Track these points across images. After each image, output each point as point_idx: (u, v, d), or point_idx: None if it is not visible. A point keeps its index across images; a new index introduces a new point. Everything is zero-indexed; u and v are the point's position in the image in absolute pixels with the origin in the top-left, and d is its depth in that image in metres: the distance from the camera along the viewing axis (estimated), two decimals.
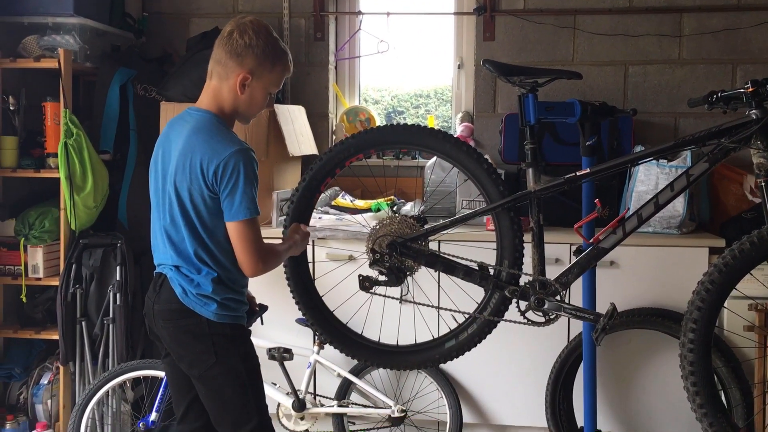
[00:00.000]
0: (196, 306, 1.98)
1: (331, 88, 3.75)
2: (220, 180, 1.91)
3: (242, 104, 2.03)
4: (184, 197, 1.96)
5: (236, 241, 1.96)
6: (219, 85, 2.01)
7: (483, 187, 2.25)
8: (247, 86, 2.00)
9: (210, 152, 1.92)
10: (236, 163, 1.91)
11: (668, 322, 2.79)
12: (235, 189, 1.92)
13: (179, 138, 1.98)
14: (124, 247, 3.11)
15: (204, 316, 1.98)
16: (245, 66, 1.98)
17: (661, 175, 2.93)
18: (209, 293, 1.98)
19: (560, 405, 2.93)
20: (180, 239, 1.99)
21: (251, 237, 1.96)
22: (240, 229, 1.95)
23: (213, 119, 1.99)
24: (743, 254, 1.96)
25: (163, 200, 2.02)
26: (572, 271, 2.19)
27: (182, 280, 1.98)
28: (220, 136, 1.95)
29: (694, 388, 1.97)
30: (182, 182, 1.95)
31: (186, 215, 1.97)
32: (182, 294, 1.98)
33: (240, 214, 1.93)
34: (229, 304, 2.02)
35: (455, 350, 2.29)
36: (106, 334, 3.10)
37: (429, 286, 2.80)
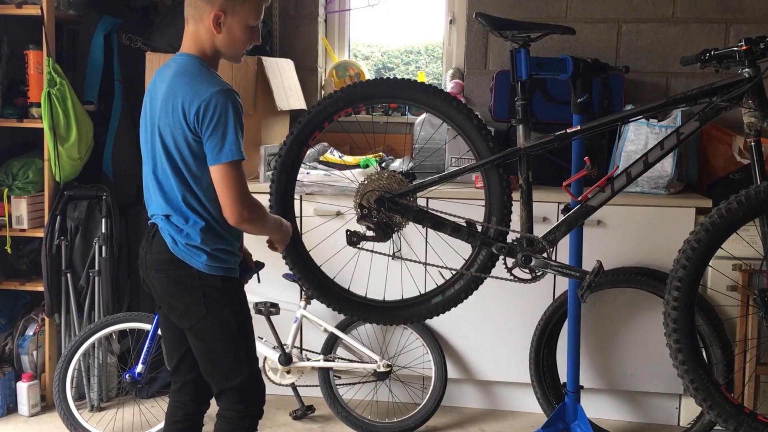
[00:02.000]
0: (186, 257, 1.94)
1: (321, 41, 3.69)
2: (201, 121, 1.84)
3: (223, 43, 1.94)
4: (168, 143, 1.91)
5: (219, 185, 1.89)
6: (195, 28, 1.94)
7: (472, 143, 2.23)
8: (222, 24, 1.91)
9: (191, 93, 1.85)
10: (218, 103, 1.83)
11: (653, 281, 2.82)
12: (217, 130, 1.84)
13: (163, 84, 1.93)
14: (109, 199, 3.08)
15: (194, 267, 1.94)
16: (215, 4, 1.90)
17: (650, 135, 2.92)
18: (198, 243, 1.93)
19: (544, 361, 2.97)
20: (169, 187, 1.94)
21: (234, 181, 1.88)
22: (223, 173, 1.87)
23: (195, 61, 1.92)
24: (730, 214, 1.97)
25: (152, 148, 1.96)
26: (560, 229, 2.19)
27: (172, 230, 1.94)
28: (202, 77, 1.88)
29: (676, 345, 1.99)
30: (166, 127, 1.90)
31: (172, 161, 1.91)
32: (172, 244, 1.95)
33: (223, 156, 1.85)
34: (220, 255, 1.97)
35: (441, 306, 2.29)
36: (92, 287, 3.09)
37: (417, 243, 2.80)
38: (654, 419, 3.07)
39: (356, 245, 2.26)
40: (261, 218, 1.97)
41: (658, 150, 2.11)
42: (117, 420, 2.97)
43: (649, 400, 3.06)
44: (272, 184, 2.40)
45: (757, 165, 2.05)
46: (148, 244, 2.01)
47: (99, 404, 3.10)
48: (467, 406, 3.21)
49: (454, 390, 3.17)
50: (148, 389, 3.16)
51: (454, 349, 3.11)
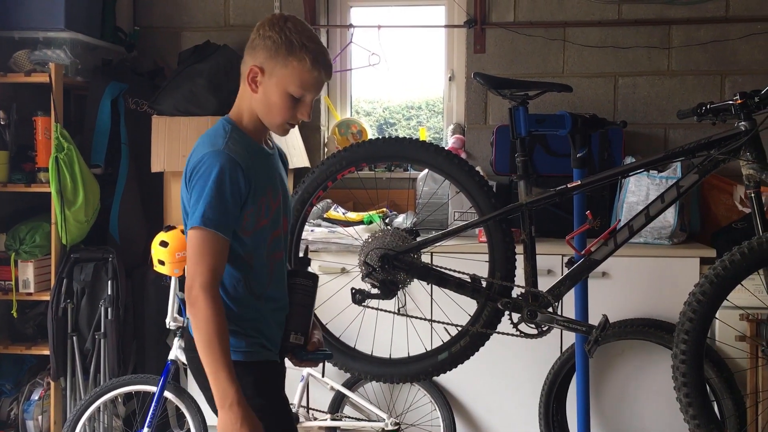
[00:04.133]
0: None
1: (323, 100, 3.75)
2: (189, 182, 1.69)
3: (258, 105, 1.75)
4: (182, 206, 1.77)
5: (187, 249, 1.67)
6: (242, 86, 1.78)
7: (474, 200, 2.26)
8: (258, 83, 1.72)
9: (191, 156, 1.71)
10: (203, 164, 1.65)
11: (660, 332, 2.80)
12: (194, 191, 1.65)
13: None
14: (115, 261, 3.10)
15: None
16: (256, 59, 1.72)
17: (651, 186, 2.94)
18: None
19: (554, 416, 2.93)
20: None
21: (194, 250, 1.63)
22: (190, 238, 1.65)
23: (222, 123, 1.78)
24: (734, 265, 1.97)
25: None
26: (564, 283, 2.19)
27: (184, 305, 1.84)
28: (209, 138, 1.72)
29: (686, 399, 1.97)
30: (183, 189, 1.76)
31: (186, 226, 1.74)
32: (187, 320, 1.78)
33: (192, 219, 1.64)
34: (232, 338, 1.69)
35: (448, 363, 2.28)
36: (98, 349, 3.08)
37: (422, 299, 2.80)
38: None
39: (361, 303, 2.26)
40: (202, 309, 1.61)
41: (659, 203, 2.13)
42: None
43: None
44: None
45: (758, 216, 2.06)
46: None
47: None
48: None
49: None
50: None
51: (463, 406, 3.07)
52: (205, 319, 1.61)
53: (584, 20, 3.46)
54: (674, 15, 3.41)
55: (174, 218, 3.19)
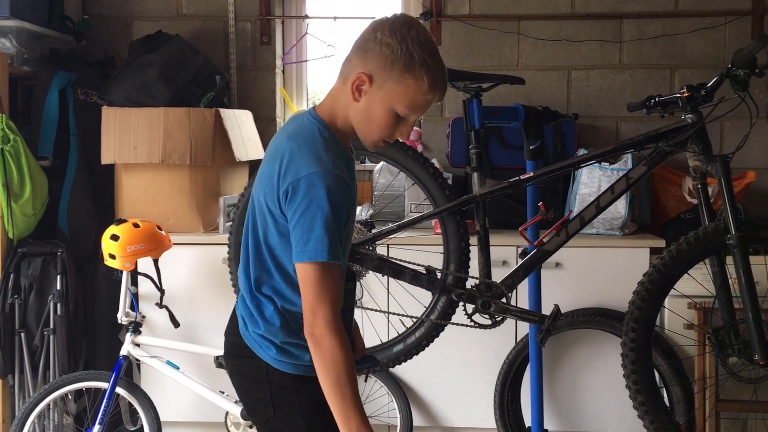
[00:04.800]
0: (254, 345, 1.63)
1: (279, 92, 3.72)
2: (289, 201, 1.51)
3: (356, 115, 1.57)
4: (256, 210, 1.62)
5: (301, 285, 1.53)
6: (340, 86, 1.59)
7: (429, 192, 2.27)
8: (363, 92, 1.54)
9: (289, 165, 1.52)
10: (311, 188, 1.48)
11: (612, 321, 2.85)
12: (303, 220, 1.49)
13: (277, 139, 1.64)
14: (64, 255, 3.02)
15: (263, 360, 1.62)
16: (367, 65, 1.52)
17: (603, 178, 2.99)
18: (266, 334, 1.61)
19: (508, 405, 2.97)
20: (246, 260, 1.65)
21: (315, 286, 1.50)
22: (303, 273, 1.51)
23: (316, 127, 1.58)
24: (681, 254, 2.02)
25: (249, 211, 1.68)
26: (517, 274, 2.22)
27: (244, 311, 1.65)
28: (310, 149, 1.53)
29: (635, 387, 2.02)
30: (259, 192, 1.61)
31: (255, 233, 1.62)
32: (243, 326, 1.65)
33: (306, 254, 1.49)
34: (291, 349, 1.62)
35: (403, 354, 2.30)
36: (47, 346, 3.01)
37: (377, 291, 2.80)
38: None
39: None
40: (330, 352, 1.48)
41: (609, 194, 2.17)
42: None
43: None
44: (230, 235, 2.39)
45: (705, 206, 2.12)
46: (230, 321, 1.74)
47: None
48: None
49: None
50: None
51: (419, 396, 3.09)
52: (333, 359, 1.48)
53: (538, 14, 3.49)
54: (626, 9, 3.46)
55: (125, 211, 3.13)
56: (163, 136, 3.05)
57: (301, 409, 1.62)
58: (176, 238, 3.01)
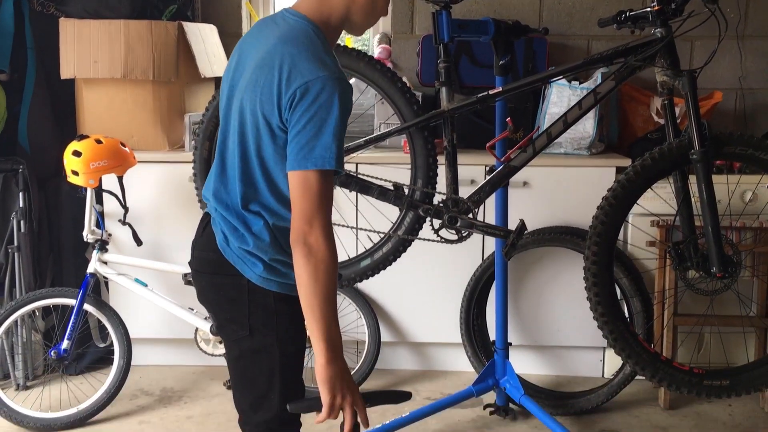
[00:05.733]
0: (238, 262, 1.56)
1: (244, 6, 3.60)
2: (295, 107, 1.43)
3: (359, 11, 1.55)
4: (247, 121, 1.52)
5: (296, 194, 1.45)
6: None
7: (397, 107, 2.24)
8: None
9: (294, 69, 1.44)
10: (321, 92, 1.41)
11: (576, 239, 2.90)
12: (311, 125, 1.42)
13: (263, 45, 1.52)
14: (26, 172, 2.97)
15: (245, 277, 1.56)
16: None
17: (573, 97, 2.98)
18: (254, 250, 1.55)
19: (474, 321, 3.03)
20: (233, 176, 1.56)
21: (316, 194, 1.43)
22: (305, 181, 1.43)
23: (311, 29, 1.51)
24: (645, 170, 2.04)
25: (225, 120, 1.59)
26: (484, 189, 2.22)
27: (226, 227, 1.57)
28: (312, 53, 1.46)
29: (596, 298, 2.06)
30: (250, 101, 1.50)
31: (244, 146, 1.53)
32: (223, 243, 1.57)
33: (311, 160, 1.42)
34: (279, 267, 1.57)
35: (370, 269, 2.32)
36: (12, 263, 2.98)
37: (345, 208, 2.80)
38: (579, 372, 3.18)
39: None
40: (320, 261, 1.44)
41: (576, 110, 2.16)
42: (44, 398, 2.90)
43: (574, 354, 3.18)
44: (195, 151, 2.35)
45: (671, 123, 2.13)
46: (198, 236, 1.66)
47: (25, 383, 3.02)
48: (401, 368, 3.26)
49: (387, 353, 3.21)
50: (77, 366, 3.09)
51: (387, 313, 3.14)
52: (327, 270, 1.44)
53: None
54: None
55: (87, 127, 3.05)
56: (125, 50, 2.95)
57: (277, 331, 1.59)
58: (141, 155, 2.96)
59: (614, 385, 2.88)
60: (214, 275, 1.61)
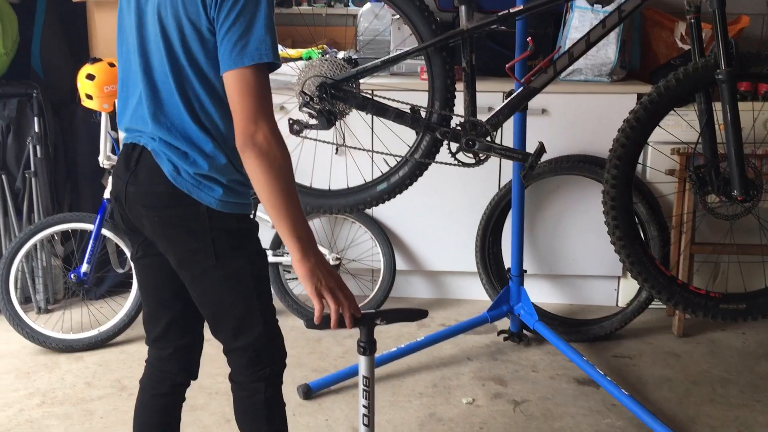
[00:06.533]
0: (194, 190, 1.47)
1: None
2: (220, 4, 1.37)
3: None
4: (171, 35, 1.43)
5: (234, 94, 1.39)
6: None
7: (414, 26, 2.18)
8: None
9: None
10: None
11: (595, 167, 2.86)
12: (240, 20, 1.37)
13: None
14: (40, 96, 2.95)
15: (203, 204, 1.48)
16: None
17: (595, 21, 2.88)
18: (211, 173, 1.47)
19: (489, 249, 3.04)
20: (168, 97, 1.47)
21: (256, 90, 1.38)
22: (242, 79, 1.38)
23: None
24: (668, 91, 1.99)
25: (140, 43, 1.48)
26: (503, 112, 2.18)
27: (174, 155, 1.47)
28: None
29: (614, 222, 2.05)
30: (171, 8, 1.41)
31: (175, 62, 1.44)
32: (173, 173, 1.47)
33: (246, 56, 1.37)
34: (237, 187, 1.52)
35: (386, 192, 2.29)
36: (29, 188, 3.00)
37: (361, 133, 2.78)
38: (594, 301, 3.20)
39: (299, 134, 2.22)
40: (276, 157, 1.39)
41: (600, 28, 2.10)
42: (65, 321, 2.96)
43: (589, 283, 3.18)
44: None
45: (696, 43, 2.06)
46: (129, 172, 1.52)
47: (46, 306, 3.08)
48: (416, 296, 3.29)
49: (402, 281, 3.23)
50: (97, 290, 3.14)
51: (402, 241, 3.15)
52: (281, 167, 1.39)
53: None
54: None
55: (100, 50, 3.02)
56: None
57: (245, 253, 1.54)
58: None
59: (628, 313, 2.89)
60: (168, 209, 1.51)
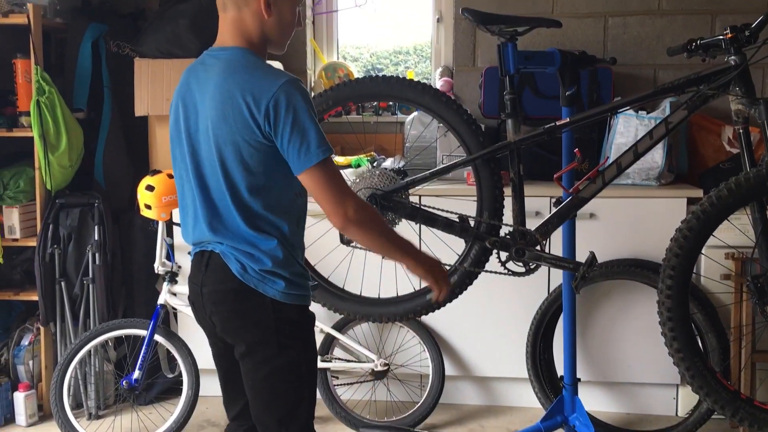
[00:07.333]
0: (259, 284, 1.65)
1: (309, 43, 3.69)
2: (274, 122, 1.57)
3: (272, 29, 1.68)
4: (227, 156, 1.63)
5: (316, 191, 1.62)
6: (238, 14, 1.66)
7: (462, 139, 2.24)
8: (272, 5, 1.66)
9: (256, 91, 1.58)
10: (289, 98, 1.57)
11: (647, 272, 2.82)
12: (295, 130, 1.57)
13: (207, 86, 1.65)
14: (101, 206, 3.07)
15: (268, 296, 1.65)
16: None
17: (640, 127, 2.93)
18: (275, 268, 1.65)
19: (541, 356, 2.97)
20: (226, 209, 1.66)
21: (331, 180, 1.61)
22: (316, 176, 1.60)
23: (246, 55, 1.65)
24: (720, 201, 1.98)
25: (194, 168, 1.69)
26: (552, 221, 2.19)
27: (240, 255, 1.66)
28: (261, 71, 1.62)
29: (671, 334, 2.00)
30: (225, 137, 1.62)
31: (230, 178, 1.64)
32: (240, 271, 1.65)
33: (312, 157, 1.58)
34: (298, 280, 1.70)
35: (436, 302, 2.29)
36: (87, 294, 3.08)
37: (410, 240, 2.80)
38: (652, 410, 3.07)
39: (349, 244, 2.26)
40: (371, 220, 1.67)
41: (647, 140, 2.12)
42: (115, 428, 2.96)
43: (646, 391, 3.07)
44: None
45: (746, 152, 2.06)
46: (201, 274, 1.71)
47: (96, 412, 3.09)
48: (466, 402, 3.21)
49: (451, 387, 3.16)
50: (146, 395, 3.15)
51: (451, 346, 3.11)
52: (377, 223, 1.70)
53: None
54: None
55: (160, 162, 3.15)
56: None
57: (305, 342, 1.72)
58: None
59: (689, 424, 2.77)
60: (236, 302, 1.68)
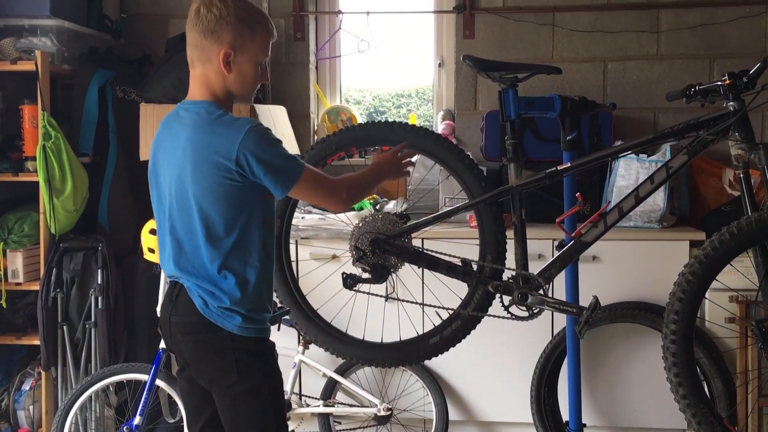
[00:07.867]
0: (219, 319, 1.81)
1: (312, 88, 3.74)
2: (249, 167, 1.74)
3: (234, 84, 1.83)
4: (202, 202, 1.78)
5: (309, 197, 1.93)
6: (203, 70, 1.82)
7: (465, 183, 2.26)
8: (232, 63, 1.81)
9: (225, 141, 1.74)
10: (254, 141, 1.73)
11: (651, 315, 2.81)
12: (269, 168, 1.75)
13: (179, 137, 1.80)
14: (105, 250, 3.08)
15: (226, 330, 1.81)
16: (223, 41, 1.79)
17: (641, 170, 2.95)
18: (231, 306, 1.81)
19: (545, 400, 2.94)
20: (193, 250, 1.82)
21: (315, 183, 1.86)
22: (303, 187, 1.83)
23: (210, 108, 1.80)
24: (722, 245, 1.98)
25: (170, 208, 1.84)
26: (555, 265, 2.20)
27: (202, 292, 1.82)
28: (227, 122, 1.77)
29: (677, 379, 1.98)
30: (202, 181, 1.77)
31: (204, 222, 1.79)
32: (202, 306, 1.82)
33: (292, 176, 1.79)
34: (254, 316, 1.84)
35: (440, 346, 2.29)
36: (88, 339, 3.07)
37: (413, 283, 2.80)
38: None
39: (352, 288, 2.26)
40: (358, 188, 1.97)
41: (648, 184, 2.14)
42: None
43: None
44: None
45: (747, 196, 2.07)
46: (171, 304, 1.87)
47: None
48: None
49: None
50: None
51: (455, 390, 3.08)
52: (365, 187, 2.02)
53: (573, 5, 3.45)
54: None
55: None
56: None
57: (263, 369, 1.86)
58: None
59: None
60: (199, 334, 1.83)
